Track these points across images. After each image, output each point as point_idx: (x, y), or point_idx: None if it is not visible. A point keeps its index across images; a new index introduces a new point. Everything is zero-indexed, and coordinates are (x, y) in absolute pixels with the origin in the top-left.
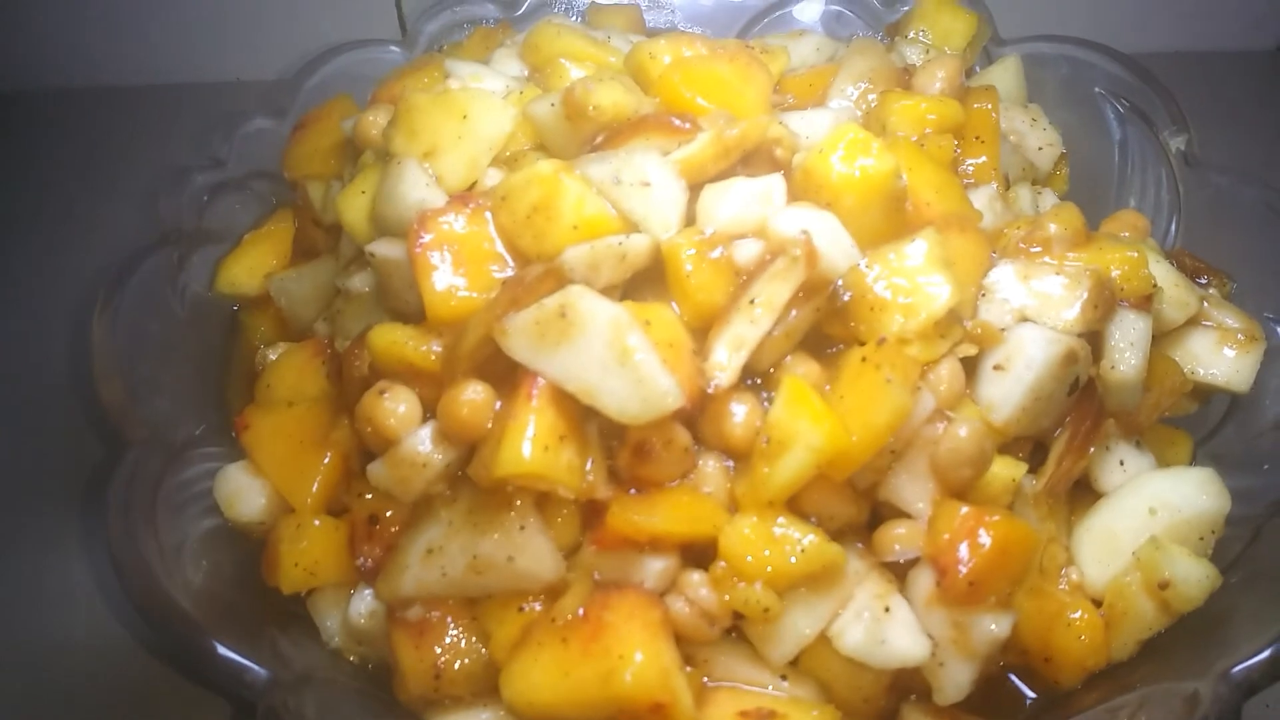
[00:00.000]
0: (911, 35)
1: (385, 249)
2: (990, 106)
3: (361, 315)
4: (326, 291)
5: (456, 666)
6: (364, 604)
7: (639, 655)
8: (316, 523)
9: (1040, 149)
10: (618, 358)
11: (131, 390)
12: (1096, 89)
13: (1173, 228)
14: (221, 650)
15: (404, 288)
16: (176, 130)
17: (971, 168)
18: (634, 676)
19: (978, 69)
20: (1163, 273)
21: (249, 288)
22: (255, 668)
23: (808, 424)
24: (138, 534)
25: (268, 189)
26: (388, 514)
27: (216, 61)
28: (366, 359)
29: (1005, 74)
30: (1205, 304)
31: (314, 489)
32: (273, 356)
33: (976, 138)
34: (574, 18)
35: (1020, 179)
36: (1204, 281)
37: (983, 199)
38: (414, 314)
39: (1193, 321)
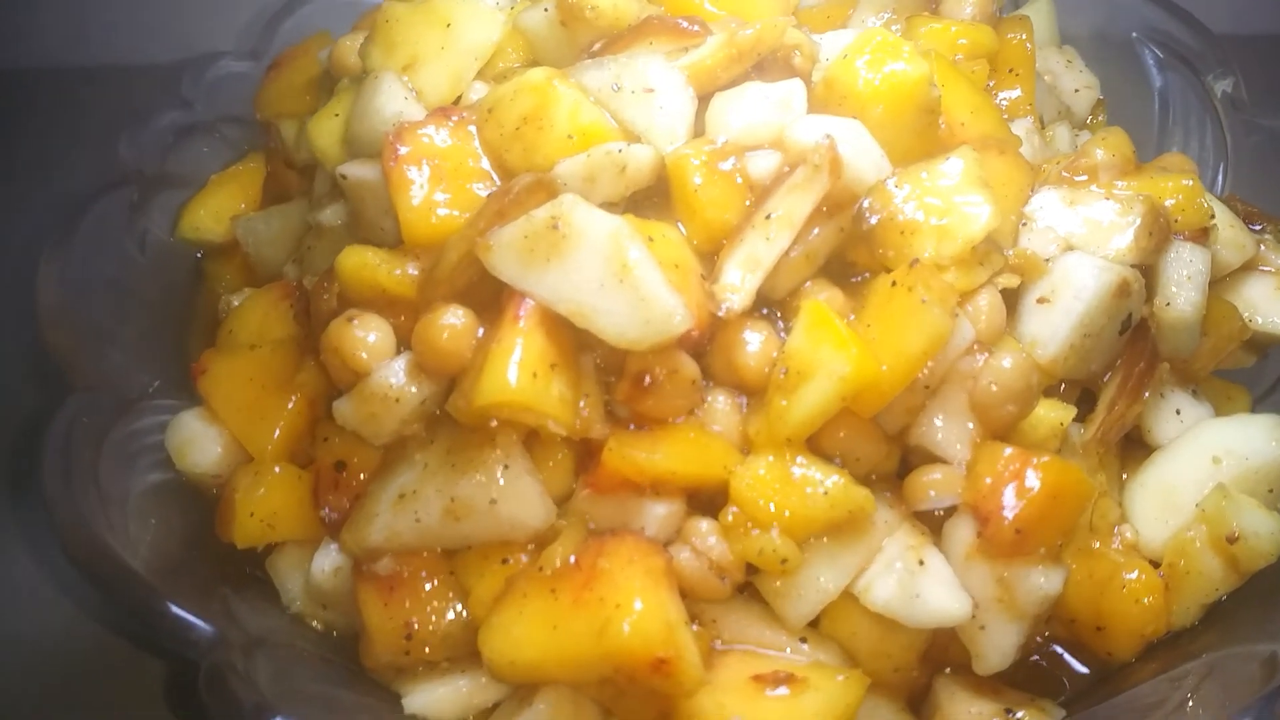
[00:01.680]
0: None
1: (358, 170)
2: (1025, 37)
3: (333, 251)
4: (296, 233)
5: (430, 627)
6: (328, 560)
7: (639, 604)
8: (277, 469)
9: (1077, 91)
10: (616, 274)
11: (81, 337)
12: (1134, 34)
13: (1220, 176)
14: (165, 605)
15: (379, 214)
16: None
17: (1005, 102)
18: (633, 627)
19: (1007, 10)
20: (1218, 212)
21: (214, 233)
22: (200, 623)
23: (831, 350)
24: (74, 480)
25: (239, 135)
26: (356, 460)
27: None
28: (335, 291)
29: (1037, 16)
30: (1262, 248)
31: (275, 435)
32: (234, 301)
33: (1010, 70)
34: None
35: (1056, 121)
36: (1258, 228)
37: (1019, 132)
38: (390, 244)
39: (1248, 267)
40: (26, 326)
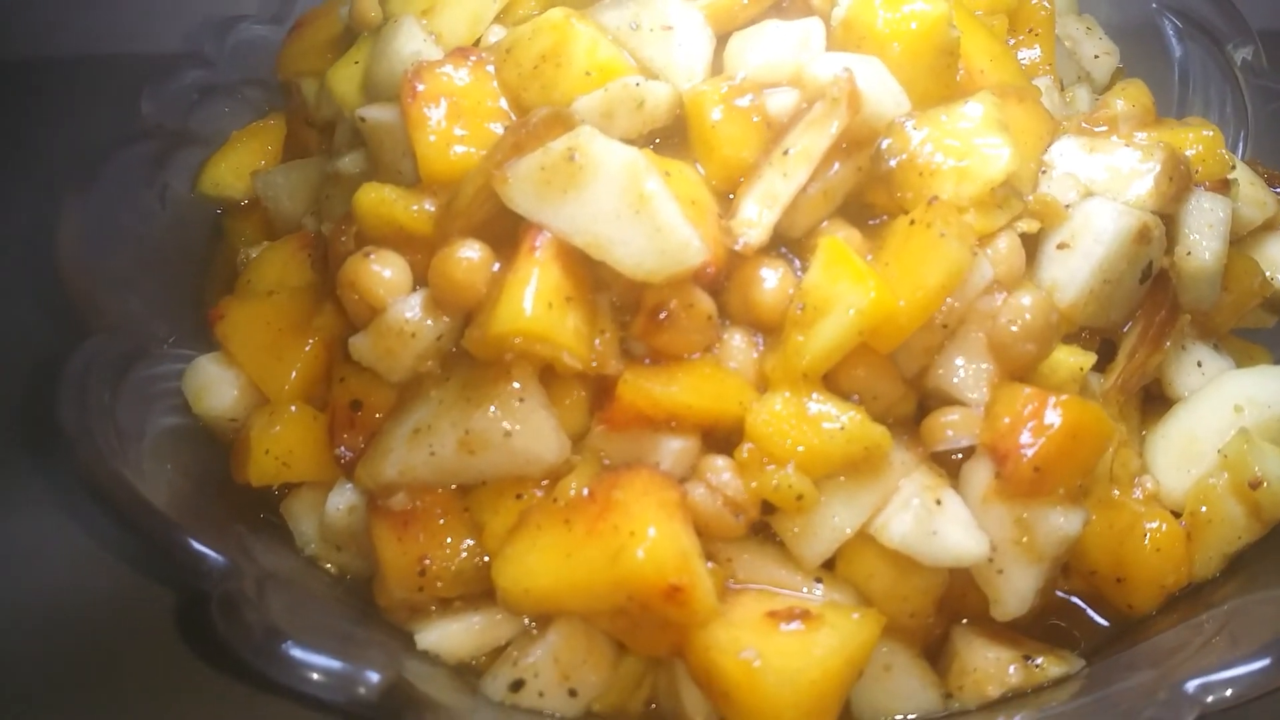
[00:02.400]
0: None
1: (377, 113)
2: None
3: (351, 197)
4: (315, 186)
5: (444, 563)
6: (343, 499)
7: (652, 531)
8: (293, 409)
9: (1096, 57)
10: (632, 205)
11: (101, 283)
12: (1153, 4)
13: (1240, 143)
14: (178, 535)
15: (397, 156)
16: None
17: (1025, 60)
18: (647, 554)
19: None
20: (1240, 171)
21: (234, 190)
22: (214, 554)
23: (849, 285)
24: (92, 417)
25: (260, 96)
26: (371, 399)
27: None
28: (353, 232)
29: None
30: None
31: (292, 376)
32: (253, 254)
33: (1031, 30)
34: None
35: (1076, 84)
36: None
37: (1039, 87)
38: (408, 185)
39: (1269, 226)
40: (47, 272)
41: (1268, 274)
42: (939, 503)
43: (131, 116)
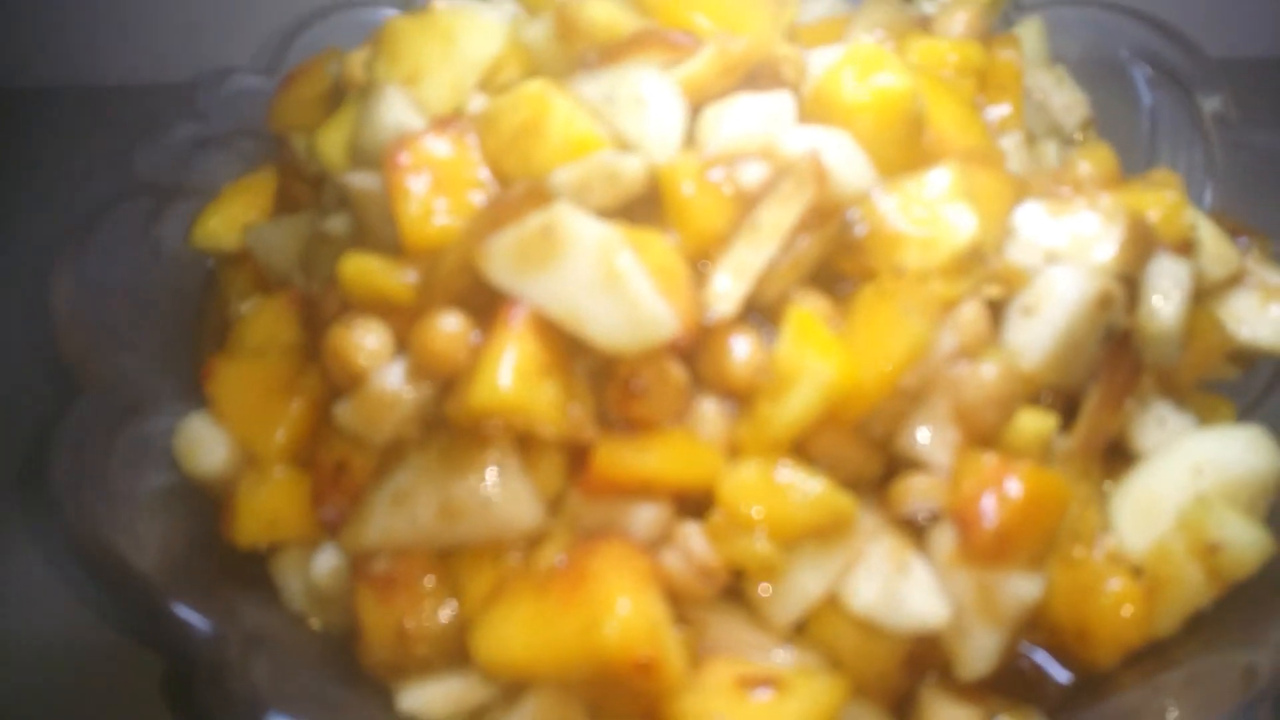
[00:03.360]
0: None
1: (362, 180)
2: (1013, 54)
3: (338, 258)
4: (305, 242)
5: (424, 627)
6: (327, 560)
7: (624, 606)
8: (279, 473)
9: (1066, 109)
10: (605, 280)
11: (95, 341)
12: (1123, 52)
13: (1207, 193)
14: (167, 603)
15: (382, 222)
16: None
17: (995, 118)
18: (617, 629)
19: (998, 29)
20: (1202, 226)
21: (226, 241)
22: (200, 621)
23: (817, 358)
24: (85, 480)
25: (253, 148)
26: (355, 462)
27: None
28: (338, 297)
29: (1027, 35)
30: (1247, 261)
31: (278, 438)
32: (245, 309)
33: (999, 86)
34: None
35: (1045, 137)
36: (1244, 241)
37: (1008, 146)
38: (393, 251)
39: (1234, 280)
40: (40, 330)
41: (1231, 329)
42: (904, 568)
43: (124, 168)
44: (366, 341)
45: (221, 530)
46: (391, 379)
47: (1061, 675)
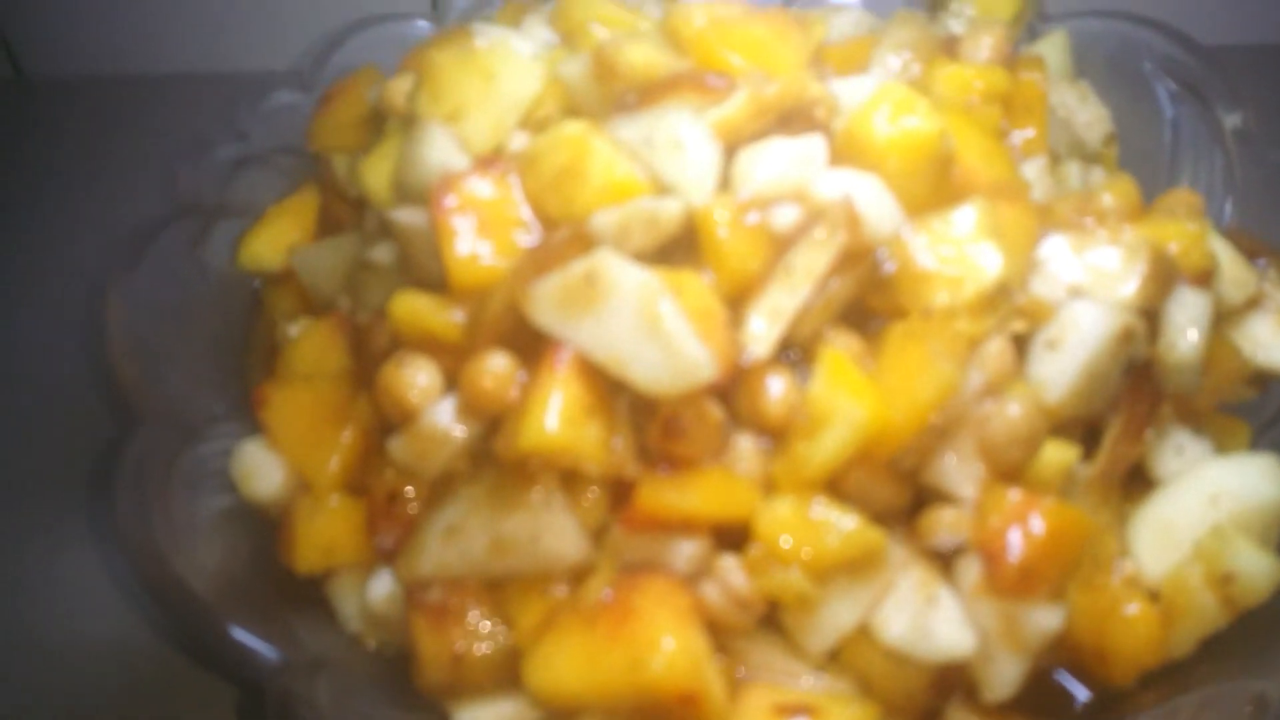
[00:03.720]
0: (954, 8)
1: (407, 216)
2: (1038, 76)
3: (384, 287)
4: (350, 265)
5: (477, 653)
6: (382, 586)
7: (669, 643)
8: (334, 501)
9: (1089, 125)
10: (647, 326)
11: (149, 365)
12: (1147, 65)
13: (1227, 207)
14: (232, 631)
15: (427, 256)
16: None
17: (1019, 140)
18: (663, 665)
19: (1021, 47)
20: (1221, 250)
21: (271, 262)
22: (266, 650)
23: (849, 399)
24: (148, 509)
25: (293, 165)
26: (408, 492)
27: (241, 50)
28: (388, 331)
29: (1052, 49)
30: (1265, 284)
31: (332, 466)
32: (293, 332)
33: (1024, 109)
34: None
35: (1068, 155)
36: (1262, 263)
37: (1032, 172)
38: (437, 283)
39: (1251, 303)
40: (91, 355)
41: (1248, 352)
42: (932, 600)
43: (168, 183)
44: (418, 380)
45: (281, 556)
46: (442, 416)
47: (1081, 693)
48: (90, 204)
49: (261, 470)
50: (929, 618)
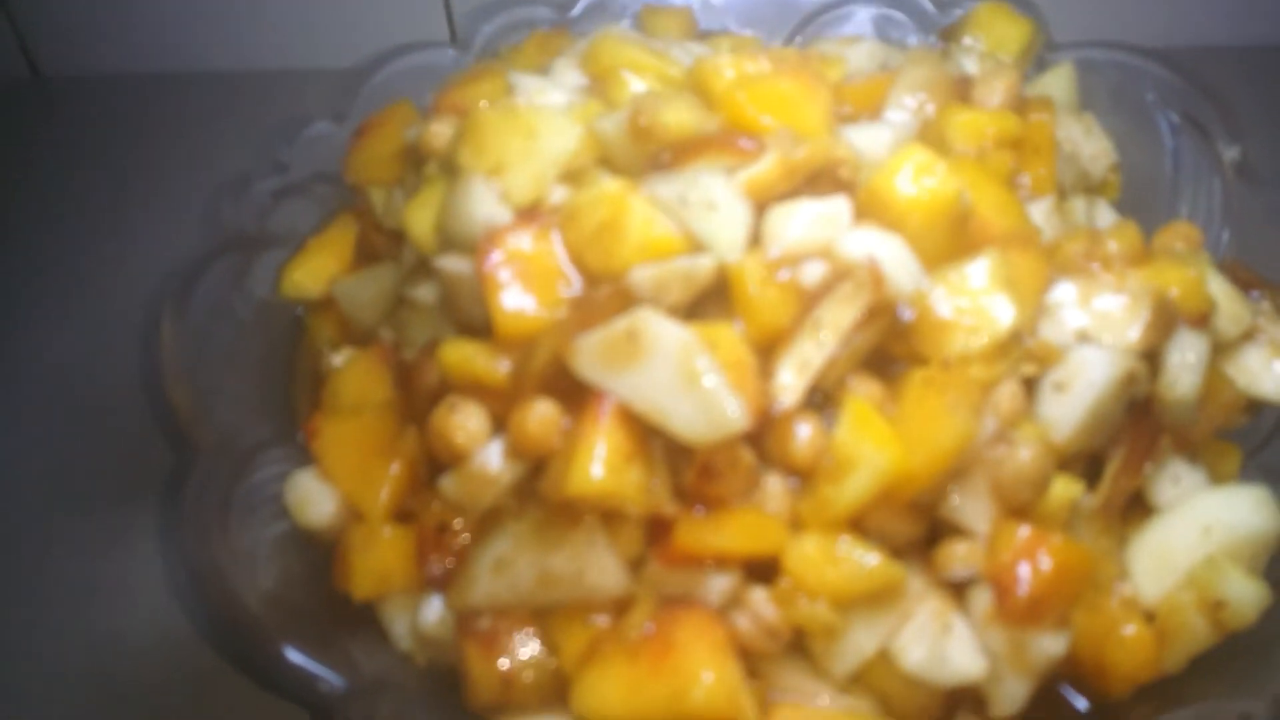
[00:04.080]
0: (967, 42)
1: (452, 264)
2: (1047, 118)
3: (427, 325)
4: (389, 297)
5: (525, 677)
6: (433, 611)
7: (708, 675)
8: (386, 532)
9: (1094, 158)
10: (685, 381)
11: (200, 396)
12: (1149, 96)
13: (1224, 237)
14: (297, 659)
15: (471, 301)
16: (232, 119)
17: (1028, 179)
18: (703, 696)
19: (1031, 73)
20: (1217, 287)
21: (312, 291)
22: (331, 677)
23: (872, 447)
24: (211, 544)
25: (329, 192)
26: (456, 523)
27: (256, 48)
28: (436, 371)
29: (1059, 81)
30: (1259, 318)
31: (383, 497)
32: (337, 361)
33: (1034, 150)
34: (626, 20)
35: (1074, 187)
36: (1256, 295)
37: (1040, 212)
38: (481, 325)
39: (1246, 335)
40: (150, 386)
41: (1242, 382)
42: (948, 628)
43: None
44: (468, 425)
45: (336, 582)
46: (490, 458)
47: (1080, 704)
48: (112, 203)
49: (315, 500)
50: (945, 645)
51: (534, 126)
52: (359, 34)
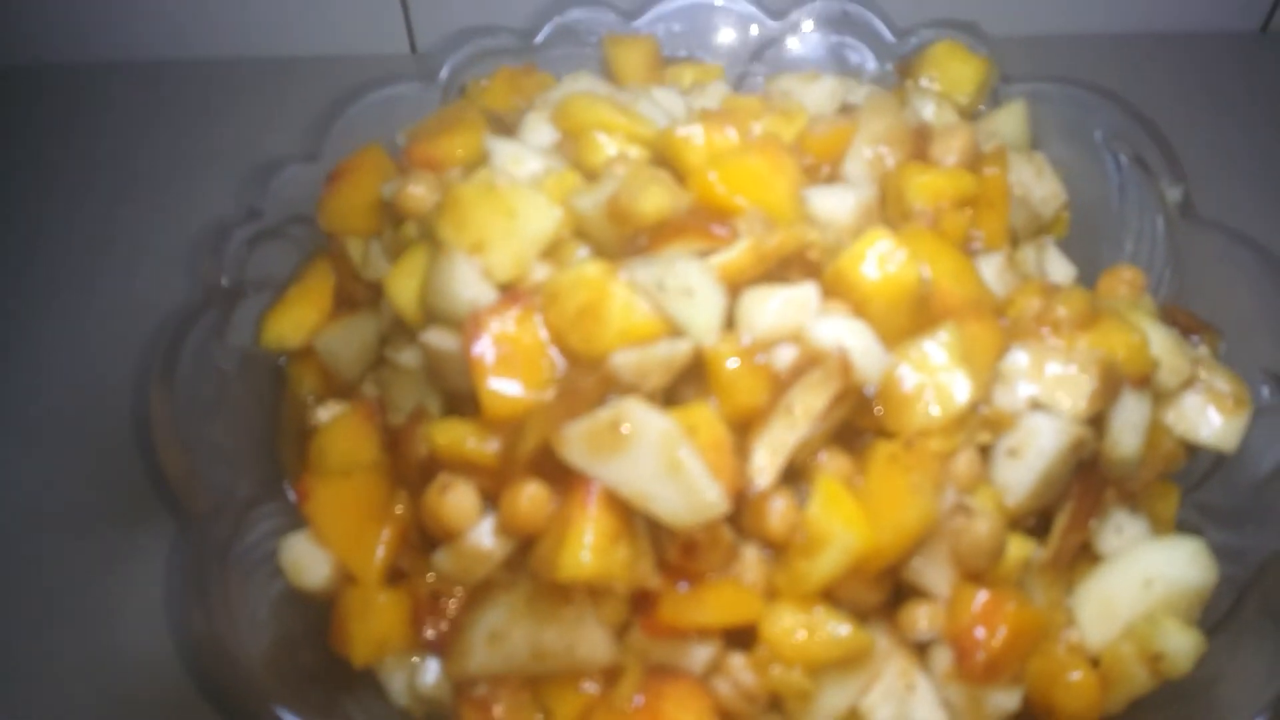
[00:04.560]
0: (924, 84)
1: (437, 339)
2: (1000, 172)
3: (412, 390)
4: (371, 350)
5: None
6: (430, 674)
7: None
8: (382, 599)
9: (1044, 200)
10: (669, 469)
11: (191, 457)
12: (1097, 133)
13: (1166, 276)
14: None
15: (456, 374)
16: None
17: (982, 234)
18: None
19: (985, 108)
20: (1159, 339)
21: (294, 342)
22: None
23: (842, 526)
24: (212, 615)
25: (304, 234)
26: (450, 590)
27: (241, 35)
28: (425, 444)
29: (1011, 119)
30: (1197, 367)
31: (376, 561)
32: (322, 415)
33: (988, 204)
34: (592, 42)
35: (1025, 230)
36: (1196, 340)
37: (993, 268)
38: (466, 394)
39: (1185, 384)
40: (131, 451)
41: (1179, 430)
42: (911, 688)
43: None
44: (460, 505)
45: (333, 645)
46: (483, 538)
47: None
48: (114, 191)
49: (309, 564)
50: (909, 705)
51: (514, 207)
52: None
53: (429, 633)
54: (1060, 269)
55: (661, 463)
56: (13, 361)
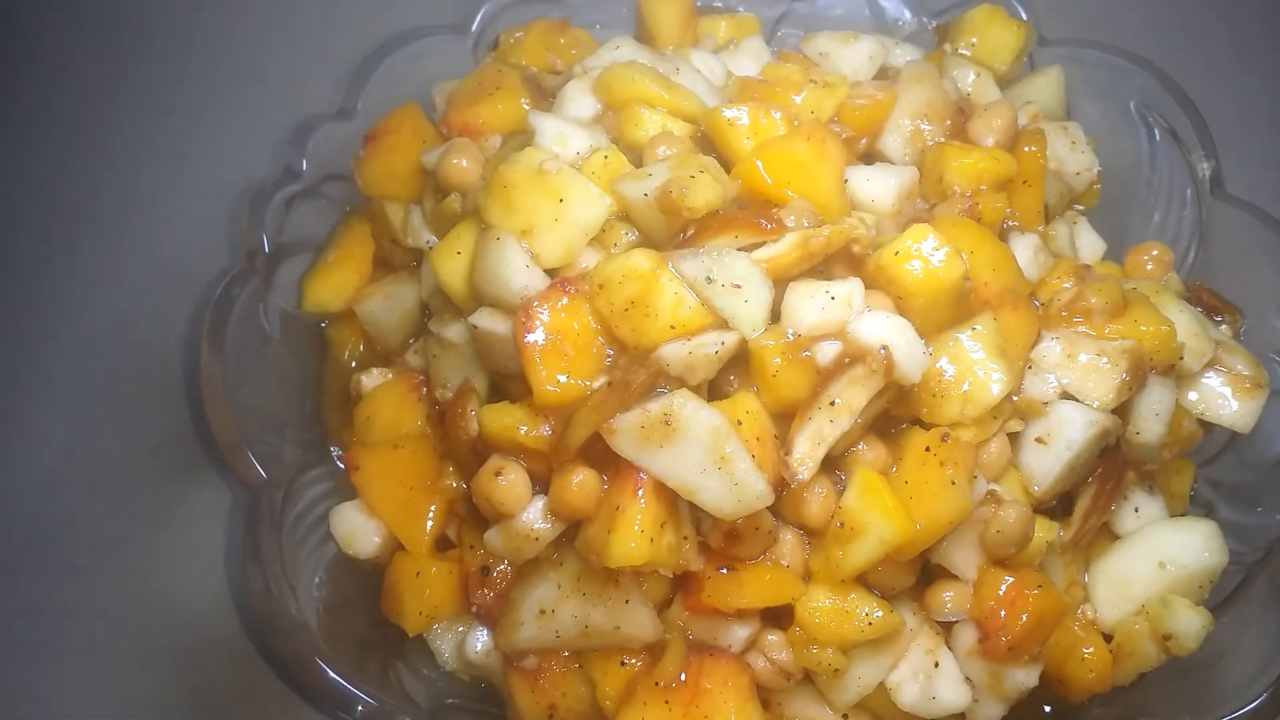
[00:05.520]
0: (962, 50)
1: (488, 322)
2: (1038, 150)
3: (458, 365)
4: (412, 318)
5: (568, 711)
6: (479, 643)
7: None
8: (433, 570)
9: (1078, 174)
10: (716, 462)
11: (241, 423)
12: (1132, 102)
13: (1193, 247)
14: (361, 695)
15: (504, 355)
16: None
17: (1017, 213)
18: None
19: (1023, 76)
20: (1185, 323)
21: (335, 306)
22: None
23: (879, 516)
24: (273, 586)
25: (339, 192)
26: (498, 565)
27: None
28: (474, 423)
29: (1047, 85)
30: (1218, 349)
31: (427, 534)
32: (365, 381)
33: (1024, 182)
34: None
35: (1058, 204)
36: (1219, 319)
37: (1028, 249)
38: (514, 375)
39: (1206, 365)
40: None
41: (1198, 409)
42: (937, 665)
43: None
44: (512, 489)
45: (385, 612)
46: (534, 519)
47: (1045, 707)
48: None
49: (361, 533)
50: (935, 683)
51: (563, 193)
52: None
53: (478, 602)
54: (1091, 244)
55: (710, 456)
56: (58, 320)
